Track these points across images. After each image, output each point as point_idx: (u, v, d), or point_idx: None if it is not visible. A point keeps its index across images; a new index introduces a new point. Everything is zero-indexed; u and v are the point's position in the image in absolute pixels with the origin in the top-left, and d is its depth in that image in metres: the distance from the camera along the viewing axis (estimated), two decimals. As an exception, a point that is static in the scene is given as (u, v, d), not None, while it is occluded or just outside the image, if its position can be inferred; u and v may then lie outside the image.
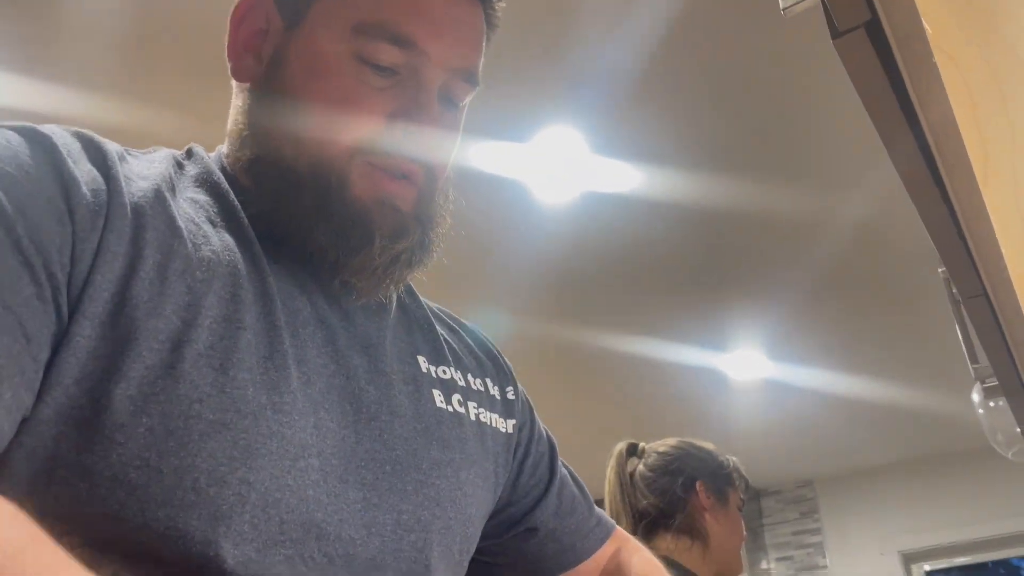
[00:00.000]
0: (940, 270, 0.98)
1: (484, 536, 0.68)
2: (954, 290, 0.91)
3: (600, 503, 1.64)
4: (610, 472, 1.65)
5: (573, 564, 0.76)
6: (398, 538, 0.56)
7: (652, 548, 1.53)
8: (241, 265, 0.55)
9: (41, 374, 0.44)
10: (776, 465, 4.02)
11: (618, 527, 0.83)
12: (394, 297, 0.67)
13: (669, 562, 1.48)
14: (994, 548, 3.81)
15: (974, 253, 0.65)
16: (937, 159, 0.54)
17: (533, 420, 0.77)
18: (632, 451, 1.66)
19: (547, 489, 0.76)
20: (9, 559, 0.33)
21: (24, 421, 0.44)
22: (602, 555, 0.78)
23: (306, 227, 0.58)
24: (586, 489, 0.81)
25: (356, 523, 0.53)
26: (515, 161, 2.24)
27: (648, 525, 1.57)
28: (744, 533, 1.56)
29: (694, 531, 1.52)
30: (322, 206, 0.58)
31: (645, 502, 1.57)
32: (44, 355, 0.44)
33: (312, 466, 0.52)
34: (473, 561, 0.67)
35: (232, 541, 0.47)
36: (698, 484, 1.54)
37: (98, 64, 1.90)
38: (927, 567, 3.93)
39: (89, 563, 0.38)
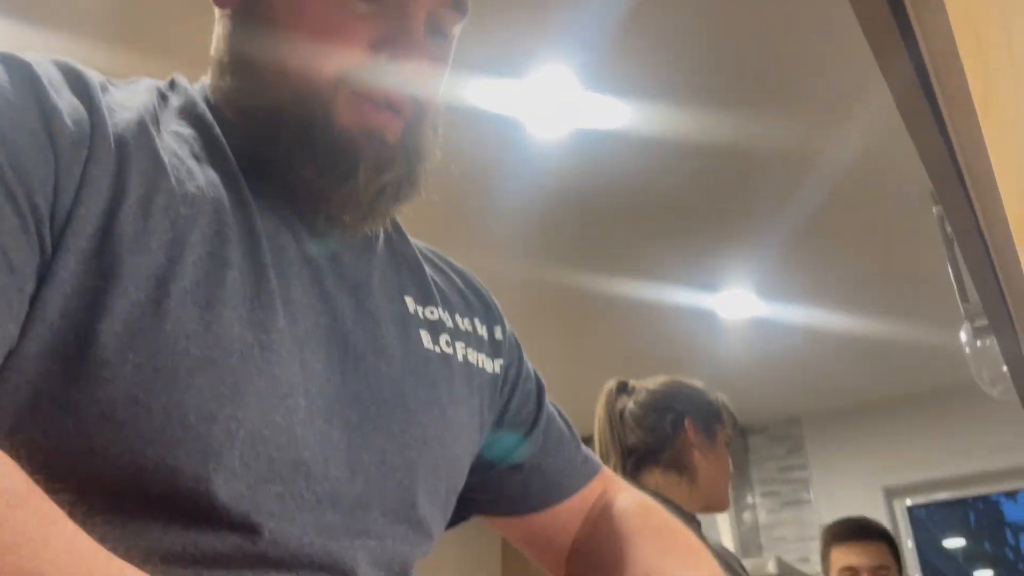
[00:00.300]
0: (934, 208, 0.97)
1: (470, 472, 0.69)
2: (947, 228, 0.90)
3: (590, 440, 1.67)
4: (600, 409, 1.67)
5: (557, 500, 0.76)
6: (383, 477, 0.56)
7: (640, 483, 1.56)
8: (226, 202, 0.53)
9: (27, 307, 0.43)
10: (764, 403, 4.07)
11: (605, 467, 0.83)
12: (381, 236, 0.66)
13: (657, 497, 1.51)
14: (975, 484, 3.90)
15: (970, 190, 0.64)
16: (936, 89, 0.52)
17: (521, 360, 0.77)
18: (622, 389, 1.67)
19: (533, 427, 0.76)
20: (10, 510, 0.34)
21: (9, 356, 0.43)
22: (588, 493, 0.78)
23: (289, 159, 0.57)
24: (574, 428, 0.81)
25: (340, 463, 0.53)
26: (506, 98, 2.20)
27: (637, 461, 1.59)
28: (732, 469, 1.59)
29: (682, 467, 1.54)
30: (305, 137, 0.56)
31: (634, 438, 1.59)
32: (29, 287, 0.43)
33: (299, 405, 0.51)
34: (459, 497, 0.67)
35: (223, 477, 0.47)
36: (687, 421, 1.56)
37: (87, 6, 1.85)
38: (909, 502, 4.01)
39: (72, 513, 0.39)
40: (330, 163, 0.56)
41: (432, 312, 0.66)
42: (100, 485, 0.45)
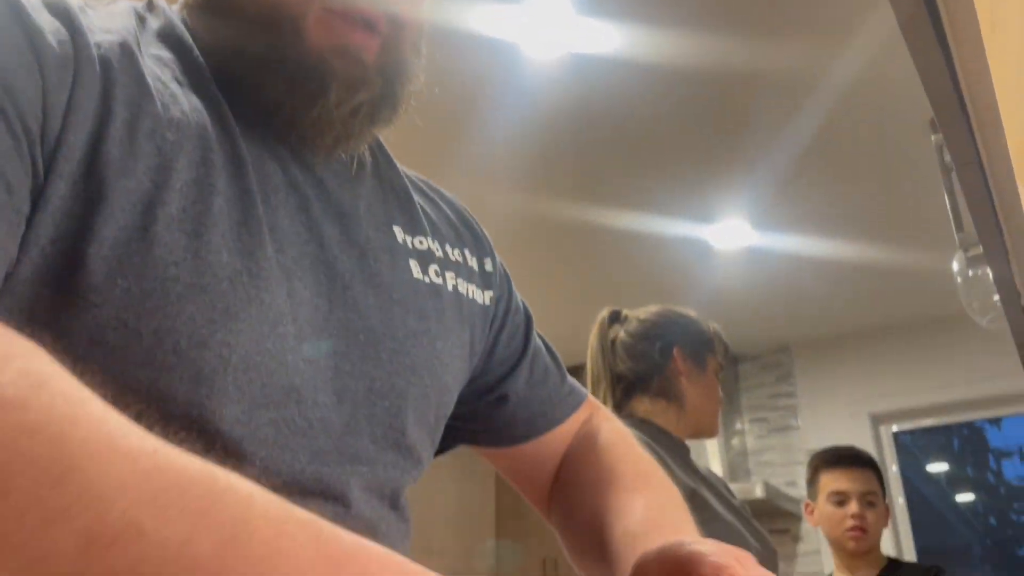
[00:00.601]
0: (933, 137, 0.96)
1: (457, 403, 0.69)
2: (946, 157, 0.90)
3: (582, 368, 1.69)
4: (592, 339, 1.68)
5: (543, 431, 0.77)
6: (371, 404, 0.56)
7: (630, 410, 1.58)
8: (210, 128, 0.52)
9: (23, 228, 0.43)
10: (755, 332, 4.11)
11: (590, 396, 0.84)
12: (369, 164, 0.65)
13: (646, 423, 1.53)
14: (960, 411, 3.97)
15: (972, 119, 0.63)
16: (941, 10, 0.51)
17: (511, 292, 0.77)
18: (614, 318, 1.68)
19: (520, 359, 0.76)
20: (34, 391, 0.33)
21: (5, 279, 0.43)
22: (573, 423, 0.80)
23: (259, 79, 0.55)
24: (560, 360, 0.81)
25: (328, 390, 0.54)
26: (497, 20, 2.15)
27: (626, 388, 1.61)
28: (722, 398, 1.60)
29: (670, 394, 1.57)
30: (275, 56, 0.55)
31: (623, 367, 1.61)
32: (26, 208, 0.43)
33: (288, 332, 0.52)
34: (446, 426, 0.68)
35: (217, 401, 0.47)
36: (675, 349, 1.58)
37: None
38: (895, 428, 4.09)
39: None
40: (299, 83, 0.55)
41: (421, 242, 0.66)
42: None
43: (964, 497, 4.69)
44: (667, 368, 1.58)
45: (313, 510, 0.51)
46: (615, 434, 0.80)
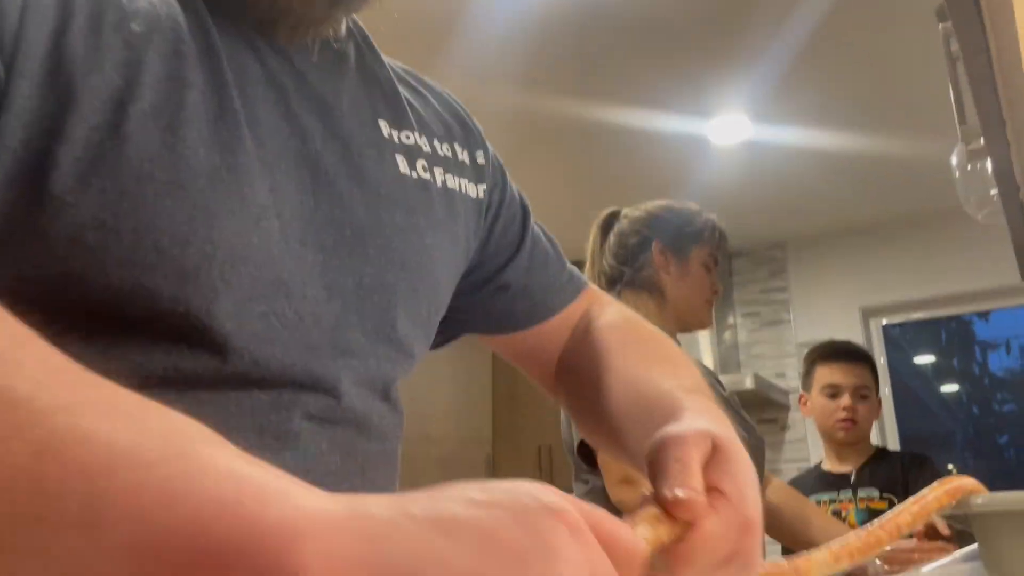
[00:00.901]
0: (940, 25, 0.94)
1: (459, 294, 0.69)
2: (953, 46, 0.88)
3: (581, 266, 1.69)
4: (589, 241, 1.69)
5: (544, 318, 0.77)
6: (361, 299, 0.56)
7: (613, 304, 1.61)
8: (181, 18, 0.51)
9: None
10: (750, 227, 4.11)
11: (591, 284, 0.84)
12: (352, 56, 0.63)
13: None
14: (950, 305, 4.02)
15: (982, 6, 0.61)
16: None
17: (504, 183, 0.76)
18: (610, 219, 1.68)
19: (518, 249, 0.76)
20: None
21: None
22: (574, 310, 0.79)
23: None
24: (559, 247, 0.81)
25: (317, 284, 0.54)
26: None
27: (610, 284, 1.64)
28: (714, 290, 1.60)
29: (651, 287, 1.59)
30: None
31: (607, 264, 1.63)
32: None
33: (273, 227, 0.51)
34: (446, 318, 0.68)
35: (204, 298, 0.47)
36: (654, 244, 1.59)
37: None
38: (885, 321, 4.16)
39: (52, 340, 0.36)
40: None
41: (408, 137, 0.64)
42: (78, 310, 0.45)
43: (949, 388, 4.80)
44: (645, 262, 1.59)
45: (305, 403, 0.52)
46: (619, 316, 0.79)
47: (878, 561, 1.39)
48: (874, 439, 2.24)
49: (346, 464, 0.55)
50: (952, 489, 0.69)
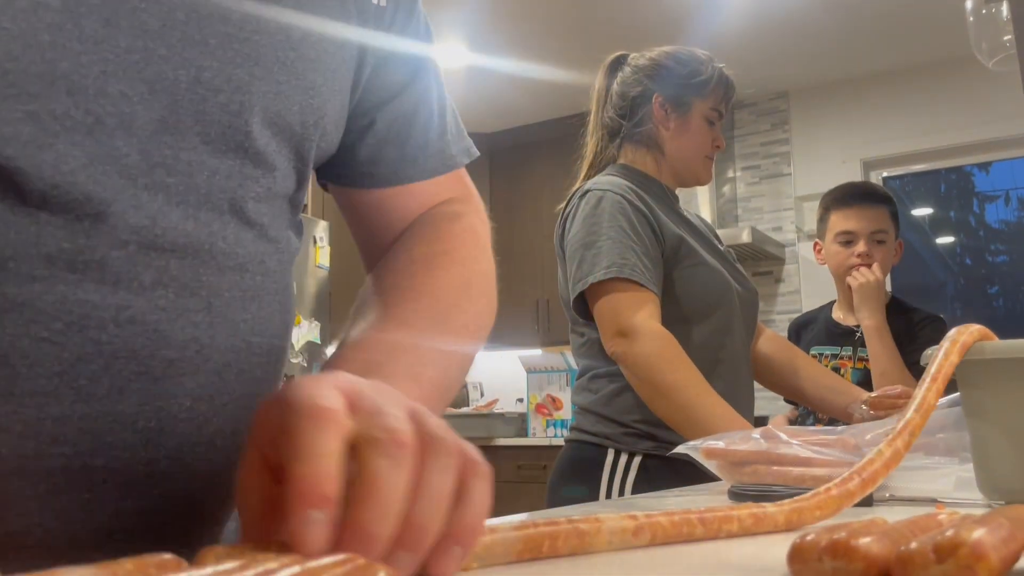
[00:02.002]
0: None
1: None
2: None
3: (587, 115, 1.67)
4: (593, 88, 1.66)
5: (407, 179, 0.68)
6: (200, 99, 0.47)
7: (615, 158, 1.58)
8: None
9: None
10: (754, 78, 4.00)
11: (466, 177, 0.74)
12: None
13: (629, 170, 1.54)
14: (951, 156, 3.98)
15: None
16: None
17: (415, 9, 0.67)
18: (616, 64, 1.64)
19: (407, 86, 0.66)
20: None
21: None
22: (438, 189, 0.70)
23: None
24: (454, 116, 0.73)
25: (132, 78, 0.45)
26: None
27: (611, 135, 1.61)
28: (716, 145, 1.58)
29: (649, 142, 1.56)
30: None
31: (608, 115, 1.61)
32: None
33: (45, 5, 0.42)
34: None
35: None
36: (655, 97, 1.55)
37: None
38: (885, 174, 4.13)
39: None
40: None
41: None
42: None
43: (944, 240, 4.83)
44: (646, 116, 1.56)
45: (113, 226, 0.44)
46: (469, 230, 0.70)
47: (864, 407, 1.44)
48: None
49: (183, 300, 0.47)
50: (968, 341, 0.71)
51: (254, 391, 0.52)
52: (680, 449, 0.92)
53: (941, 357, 0.70)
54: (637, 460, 1.40)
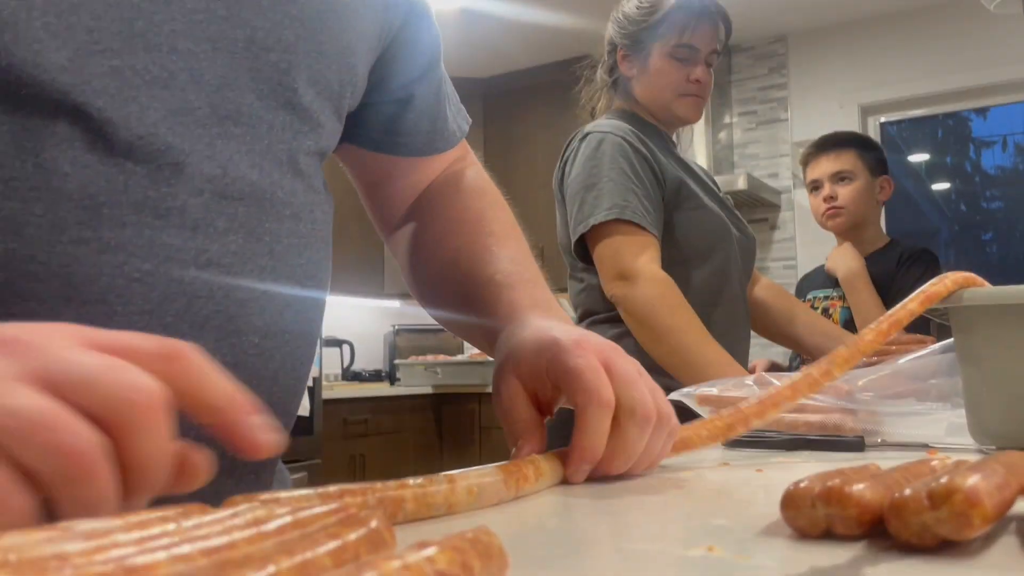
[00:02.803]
0: None
1: (364, 102, 0.66)
2: None
3: (586, 57, 1.67)
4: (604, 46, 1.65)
5: (440, 148, 0.76)
6: (253, 56, 0.51)
7: (615, 105, 1.57)
8: None
9: None
10: (752, 20, 3.93)
11: (464, 141, 0.81)
12: None
13: (628, 114, 1.52)
14: (949, 101, 3.94)
15: None
16: None
17: None
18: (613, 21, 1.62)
19: (433, 63, 0.73)
20: None
21: None
22: (448, 156, 0.78)
23: None
24: (450, 85, 0.78)
25: (197, 36, 0.49)
26: None
27: (614, 84, 1.61)
28: (692, 78, 1.48)
29: (626, 95, 1.58)
30: None
31: (600, 76, 1.63)
32: None
33: None
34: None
35: (28, 49, 0.42)
36: (619, 51, 1.55)
37: None
38: (883, 119, 4.09)
39: None
40: None
41: None
42: None
43: (940, 186, 4.82)
44: (615, 65, 1.57)
45: (191, 175, 0.48)
46: (483, 181, 0.79)
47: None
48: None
49: (250, 244, 0.51)
50: (959, 279, 0.71)
51: (307, 331, 0.58)
52: (674, 396, 0.93)
53: (901, 305, 0.70)
54: None
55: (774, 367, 2.02)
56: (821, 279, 2.13)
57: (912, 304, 0.69)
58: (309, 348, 0.59)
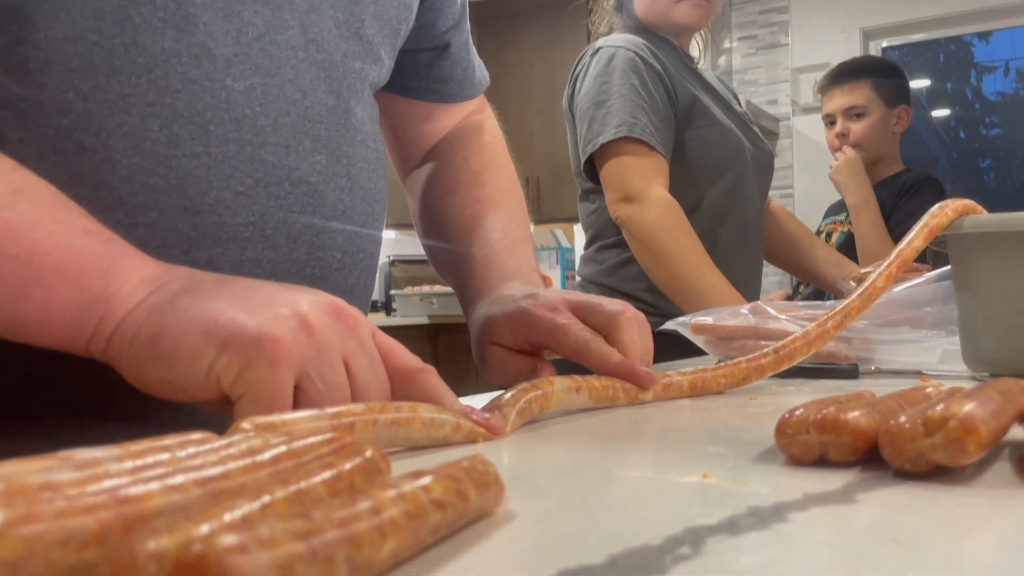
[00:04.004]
0: None
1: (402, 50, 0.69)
2: None
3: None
4: None
5: (469, 96, 0.79)
6: None
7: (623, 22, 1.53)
8: None
9: None
10: (752, -60, 3.83)
11: (483, 97, 0.84)
12: None
13: (640, 27, 1.48)
14: (952, 25, 3.86)
15: None
16: None
17: None
18: None
19: (463, 14, 0.75)
20: None
21: None
22: (469, 105, 0.81)
23: None
24: (477, 61, 0.82)
25: None
26: None
27: (608, 21, 1.58)
28: None
29: (629, 12, 1.52)
30: None
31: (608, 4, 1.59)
32: None
33: None
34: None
35: None
36: None
37: None
38: (884, 43, 4.01)
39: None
40: None
41: None
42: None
43: (940, 112, 4.76)
44: None
45: (273, 94, 0.51)
46: (494, 137, 0.82)
47: (852, 282, 1.45)
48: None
49: (332, 165, 0.55)
50: (959, 207, 0.70)
51: (374, 251, 0.63)
52: (668, 325, 0.93)
53: (905, 242, 0.69)
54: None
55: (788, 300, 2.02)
56: (834, 205, 2.12)
57: (917, 241, 0.69)
58: (375, 267, 0.63)
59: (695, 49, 1.61)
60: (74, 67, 0.43)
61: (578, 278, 1.55)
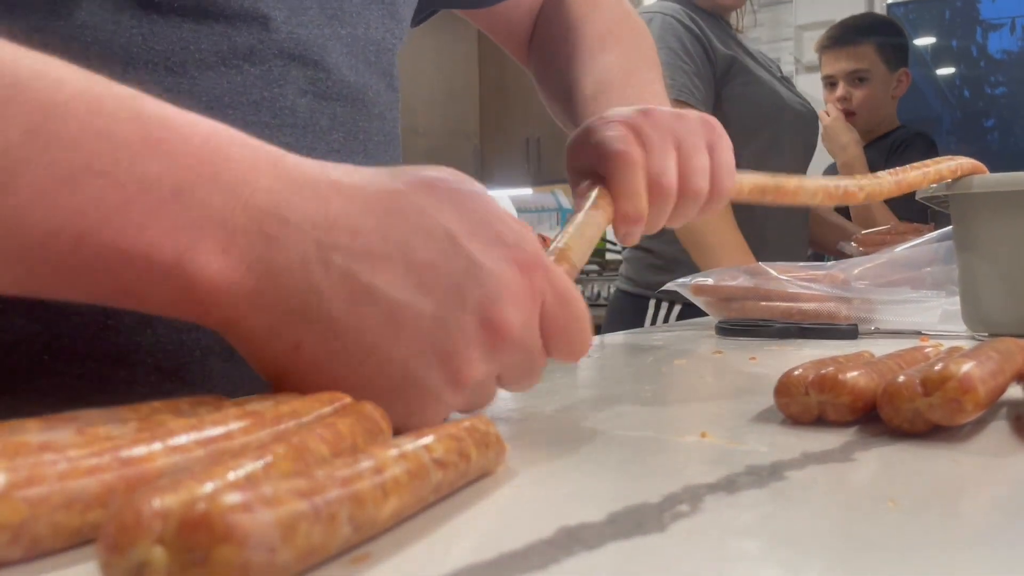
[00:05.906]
0: None
1: None
2: None
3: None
4: None
5: None
6: None
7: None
8: None
9: None
10: None
11: None
12: None
13: (681, 2, 1.47)
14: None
15: None
16: None
17: None
18: None
19: None
20: None
21: None
22: None
23: None
24: None
25: None
26: None
27: None
28: None
29: None
30: None
31: None
32: None
33: None
34: None
35: None
36: None
37: None
38: (889, 0, 3.95)
39: None
40: None
41: None
42: None
43: (945, 71, 4.71)
44: None
45: (296, 77, 0.51)
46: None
47: (853, 244, 1.45)
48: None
49: (348, 142, 0.55)
50: (968, 167, 0.70)
51: None
52: (669, 286, 0.93)
53: (920, 171, 0.68)
54: (677, 309, 1.44)
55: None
56: (830, 169, 2.10)
57: (920, 179, 0.67)
58: None
59: (734, 19, 1.64)
60: (92, 55, 0.43)
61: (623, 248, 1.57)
